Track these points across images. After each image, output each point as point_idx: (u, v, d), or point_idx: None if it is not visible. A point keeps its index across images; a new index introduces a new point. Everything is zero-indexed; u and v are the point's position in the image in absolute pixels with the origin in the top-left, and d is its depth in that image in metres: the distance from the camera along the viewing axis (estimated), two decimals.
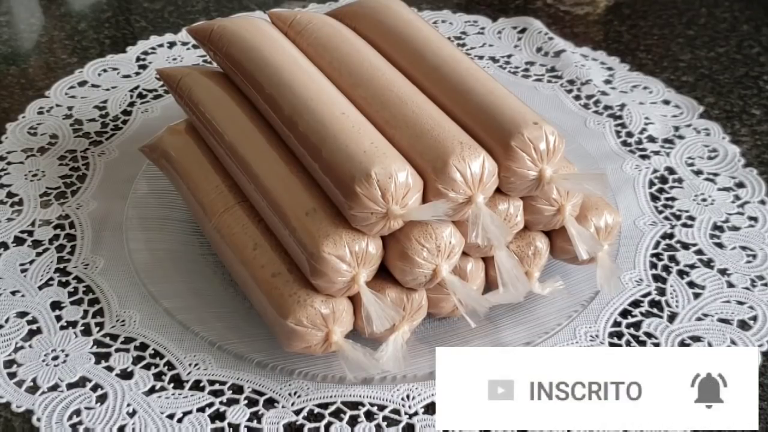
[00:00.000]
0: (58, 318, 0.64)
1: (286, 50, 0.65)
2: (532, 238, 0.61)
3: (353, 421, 0.57)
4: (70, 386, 0.59)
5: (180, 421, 0.57)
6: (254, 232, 0.60)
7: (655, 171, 0.77)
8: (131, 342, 0.62)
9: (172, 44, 0.96)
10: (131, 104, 0.87)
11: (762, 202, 0.74)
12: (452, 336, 0.61)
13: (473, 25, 0.99)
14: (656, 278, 0.67)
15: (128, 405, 0.58)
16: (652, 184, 0.76)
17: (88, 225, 0.72)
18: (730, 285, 0.66)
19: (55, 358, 0.61)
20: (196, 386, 0.59)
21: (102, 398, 0.58)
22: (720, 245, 0.70)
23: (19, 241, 0.71)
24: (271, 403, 0.58)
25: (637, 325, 0.63)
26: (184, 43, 0.96)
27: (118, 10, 1.04)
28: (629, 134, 0.82)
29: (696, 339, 0.62)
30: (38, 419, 0.57)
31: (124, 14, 1.04)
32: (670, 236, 0.71)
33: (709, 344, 0.62)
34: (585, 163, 0.73)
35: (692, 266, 0.68)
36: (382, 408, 0.58)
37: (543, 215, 0.59)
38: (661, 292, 0.66)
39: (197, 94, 0.67)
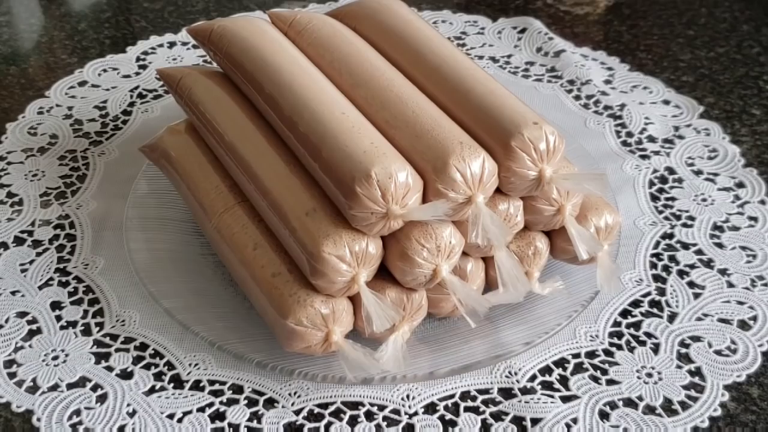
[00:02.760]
0: (58, 318, 0.64)
1: (286, 50, 0.65)
2: (532, 238, 0.61)
3: (353, 421, 0.57)
4: (70, 386, 0.59)
5: (180, 421, 0.57)
6: (254, 232, 0.60)
7: (655, 171, 0.77)
8: (131, 342, 0.62)
9: (172, 44, 0.96)
10: (131, 104, 0.87)
11: (762, 202, 0.74)
12: (452, 336, 0.61)
13: (473, 25, 0.99)
14: (656, 278, 0.67)
15: (128, 405, 0.58)
16: (652, 184, 0.76)
17: (88, 225, 0.72)
18: (730, 285, 0.66)
19: (55, 358, 0.61)
20: (196, 386, 0.59)
21: (102, 398, 0.58)
22: (720, 245, 0.70)
23: (19, 241, 0.71)
24: (271, 403, 0.58)
25: (637, 325, 0.63)
26: (184, 43, 0.96)
27: (118, 10, 1.04)
28: (629, 134, 0.82)
29: (696, 339, 0.62)
30: (38, 419, 0.57)
31: (124, 14, 1.04)
32: (670, 236, 0.71)
33: (709, 344, 0.62)
34: (585, 163, 0.73)
35: (692, 266, 0.68)
36: (382, 408, 0.58)
37: (543, 215, 0.59)
38: (661, 292, 0.66)
39: (197, 94, 0.67)
